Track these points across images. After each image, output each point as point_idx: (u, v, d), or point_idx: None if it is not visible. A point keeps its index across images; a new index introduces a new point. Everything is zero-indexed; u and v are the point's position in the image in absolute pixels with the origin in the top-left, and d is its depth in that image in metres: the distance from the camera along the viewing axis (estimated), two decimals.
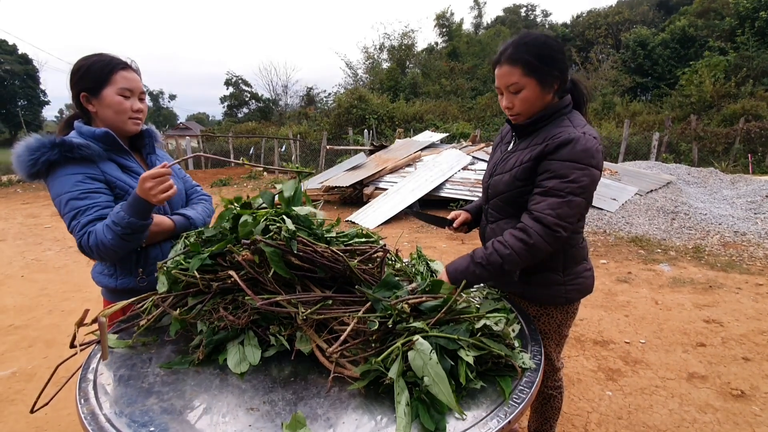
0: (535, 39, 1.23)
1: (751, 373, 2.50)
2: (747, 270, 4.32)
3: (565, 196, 1.18)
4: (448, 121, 17.93)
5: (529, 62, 1.20)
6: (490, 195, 1.42)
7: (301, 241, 1.01)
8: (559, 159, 1.19)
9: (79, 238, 1.22)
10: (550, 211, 1.18)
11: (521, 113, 1.29)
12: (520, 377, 0.93)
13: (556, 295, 1.38)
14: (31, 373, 2.68)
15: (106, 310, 1.02)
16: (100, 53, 1.32)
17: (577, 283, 1.40)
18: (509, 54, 1.23)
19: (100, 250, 1.21)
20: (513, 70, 1.22)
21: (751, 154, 12.20)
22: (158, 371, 0.96)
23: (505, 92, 1.28)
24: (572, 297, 1.40)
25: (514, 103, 1.27)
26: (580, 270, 1.40)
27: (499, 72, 1.26)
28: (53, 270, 4.73)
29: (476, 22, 37.01)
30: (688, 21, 24.06)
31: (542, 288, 1.38)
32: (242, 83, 37.06)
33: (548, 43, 1.23)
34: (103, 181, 1.28)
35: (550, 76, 1.23)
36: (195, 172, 15.01)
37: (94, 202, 1.24)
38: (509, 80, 1.24)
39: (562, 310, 1.43)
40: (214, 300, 1.06)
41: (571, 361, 2.69)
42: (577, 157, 1.17)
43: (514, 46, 1.23)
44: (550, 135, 1.23)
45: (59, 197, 1.23)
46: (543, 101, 1.26)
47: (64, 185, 1.22)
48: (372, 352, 0.91)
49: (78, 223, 1.22)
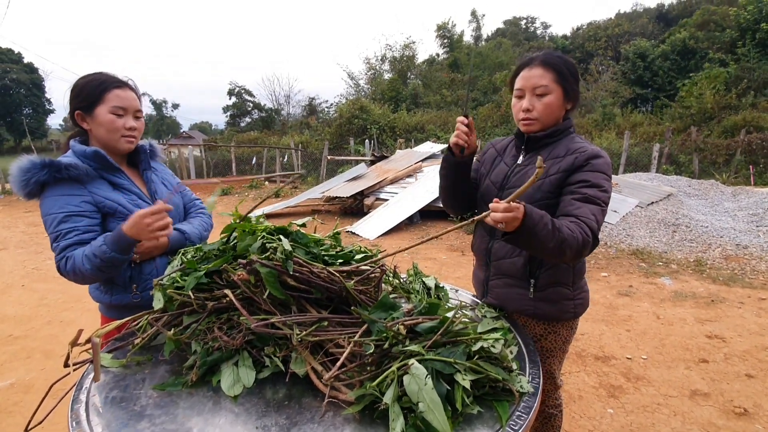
0: (564, 57, 1.32)
1: (754, 391, 2.46)
2: (749, 284, 4.29)
3: (602, 204, 1.23)
4: (449, 132, 18.00)
5: (562, 71, 1.27)
6: None
7: (297, 261, 1.01)
8: (593, 170, 1.24)
9: (57, 262, 1.25)
10: (593, 216, 1.19)
11: (539, 119, 1.31)
12: (517, 402, 0.91)
13: (565, 310, 1.38)
14: (29, 385, 2.66)
15: (100, 330, 1.01)
16: (98, 72, 1.34)
17: (581, 297, 1.42)
18: (544, 58, 1.29)
19: (77, 276, 1.24)
20: (546, 73, 1.27)
21: (752, 166, 12.19)
22: (151, 393, 0.95)
23: (529, 94, 1.30)
24: (579, 311, 1.41)
25: (534, 106, 1.30)
26: (582, 284, 1.43)
27: (529, 73, 1.29)
28: (53, 279, 4.72)
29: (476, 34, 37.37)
30: (688, 33, 24.24)
31: (553, 303, 1.38)
32: (245, 93, 37.37)
33: (574, 64, 1.33)
34: (91, 202, 1.28)
35: (573, 91, 1.30)
36: (197, 181, 15.08)
37: (75, 226, 1.25)
38: (539, 82, 1.28)
39: (567, 326, 1.43)
40: (209, 319, 1.05)
41: (572, 377, 2.66)
42: (605, 169, 1.25)
43: (546, 54, 1.31)
44: (574, 149, 1.28)
45: (46, 217, 1.26)
46: (559, 114, 1.32)
47: (50, 206, 1.25)
48: (367, 375, 0.90)
49: (57, 246, 1.24)
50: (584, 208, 1.19)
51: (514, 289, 1.39)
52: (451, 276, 4.65)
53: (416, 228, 7.12)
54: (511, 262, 1.37)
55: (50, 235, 1.26)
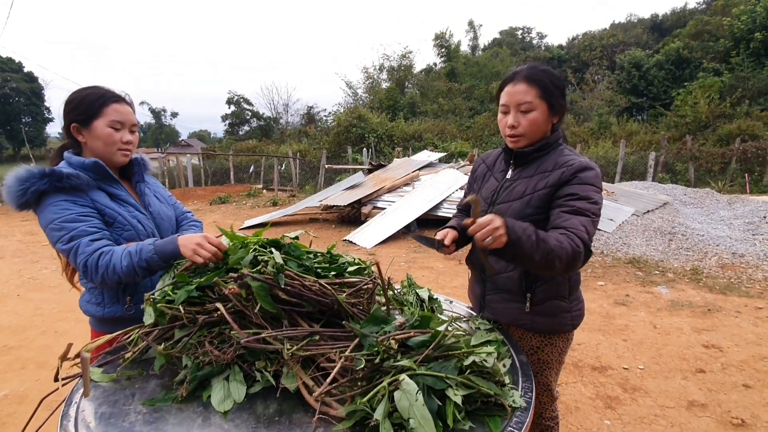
0: (549, 69, 1.31)
1: (752, 401, 2.45)
2: (746, 293, 4.29)
3: (592, 216, 1.21)
4: (447, 140, 18.11)
5: (546, 86, 1.26)
6: None
7: (289, 274, 1.01)
8: (581, 183, 1.23)
9: (85, 257, 1.20)
10: (583, 228, 1.17)
11: (525, 135, 1.30)
12: (510, 417, 0.91)
13: (563, 322, 1.38)
14: (23, 396, 2.63)
15: (90, 345, 1.01)
16: (95, 86, 1.35)
17: (578, 308, 1.41)
18: (527, 74, 1.27)
19: (108, 274, 1.21)
20: (530, 89, 1.25)
21: (747, 174, 12.27)
22: (140, 408, 0.94)
23: (514, 110, 1.29)
24: (576, 323, 1.40)
25: (520, 122, 1.28)
26: (578, 295, 1.42)
27: (513, 89, 1.28)
28: (48, 289, 4.69)
29: (473, 44, 37.77)
30: (682, 43, 24.56)
31: (550, 317, 1.37)
32: (243, 102, 37.55)
33: (560, 77, 1.31)
34: (93, 208, 1.29)
35: (559, 105, 1.29)
36: (195, 189, 15.08)
37: (92, 222, 1.25)
38: (523, 98, 1.26)
39: (564, 338, 1.42)
40: (201, 333, 1.05)
41: (569, 387, 2.64)
42: (594, 181, 1.24)
43: (530, 68, 1.28)
44: (562, 162, 1.27)
45: (51, 224, 1.23)
46: (545, 128, 1.31)
47: (55, 212, 1.23)
48: (358, 390, 0.89)
49: (79, 243, 1.21)
50: (573, 220, 1.19)
51: (511, 303, 1.38)
52: (448, 285, 4.64)
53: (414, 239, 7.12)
54: (507, 277, 1.37)
55: (62, 237, 1.21)
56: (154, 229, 1.43)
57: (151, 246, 1.21)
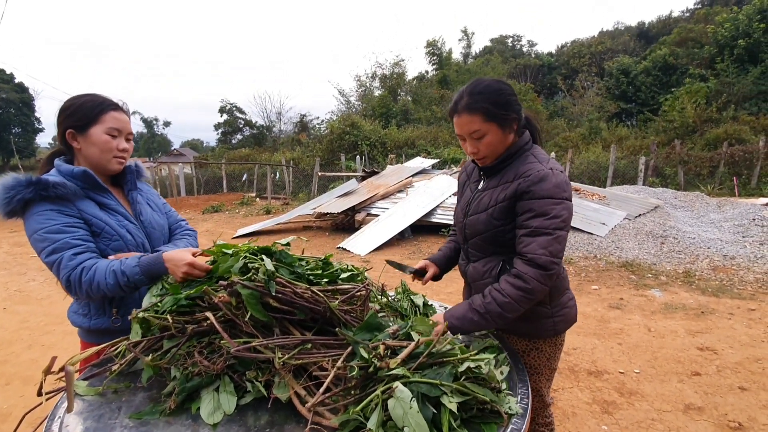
0: (487, 86, 1.27)
1: (748, 404, 2.45)
2: (738, 295, 4.33)
3: (552, 232, 1.19)
4: (440, 147, 18.18)
5: (487, 110, 1.24)
6: (468, 235, 1.42)
7: (280, 282, 0.99)
8: (536, 197, 1.21)
9: (68, 272, 1.19)
10: (542, 251, 1.18)
11: (487, 156, 1.32)
12: (506, 424, 0.89)
13: (545, 328, 1.38)
14: (7, 414, 2.56)
15: (75, 357, 0.97)
16: (92, 93, 1.34)
17: (563, 314, 1.40)
18: (466, 103, 1.26)
19: (92, 290, 1.19)
20: (473, 118, 1.25)
21: (736, 177, 12.45)
22: (127, 422, 0.91)
23: (468, 139, 1.30)
24: (560, 328, 1.40)
25: (479, 148, 1.30)
26: (564, 300, 1.41)
27: (459, 121, 1.29)
28: (36, 301, 4.59)
29: (465, 51, 38.19)
30: (668, 50, 25.03)
31: (531, 322, 1.37)
32: (236, 110, 37.52)
33: (501, 88, 1.27)
34: (80, 218, 1.26)
35: (509, 119, 1.27)
36: (187, 198, 14.98)
37: (75, 234, 1.22)
38: (471, 128, 1.27)
39: (550, 343, 1.42)
40: (190, 343, 1.02)
41: (566, 392, 2.63)
42: (552, 193, 1.21)
43: (469, 94, 1.26)
44: (521, 173, 1.26)
45: (35, 234, 1.21)
46: (505, 142, 1.31)
47: (39, 222, 1.21)
48: (352, 399, 0.87)
49: (61, 256, 1.19)
50: (532, 244, 1.20)
51: None
52: (443, 291, 4.62)
53: (407, 243, 7.11)
54: (484, 284, 1.38)
55: (45, 249, 1.20)
56: (144, 239, 1.40)
57: (137, 267, 1.19)
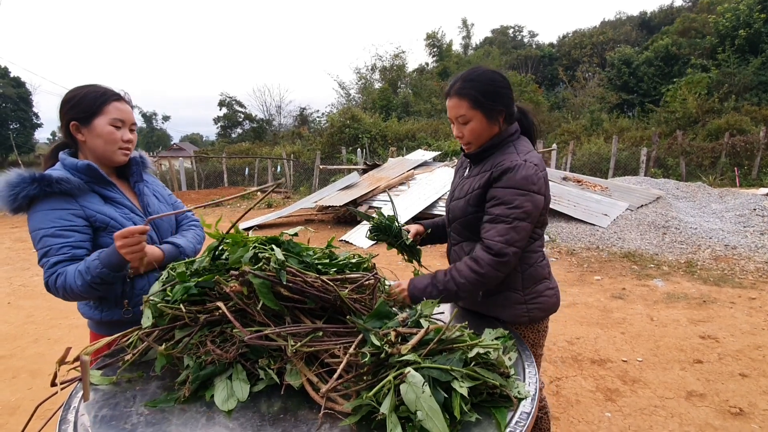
0: (481, 75, 1.30)
1: (748, 390, 2.48)
2: (739, 284, 4.34)
3: (512, 221, 1.24)
4: (440, 139, 18.14)
5: (474, 97, 1.28)
6: (450, 219, 1.47)
7: (291, 271, 1.00)
8: (503, 186, 1.26)
9: (46, 277, 1.22)
10: (499, 237, 1.24)
11: (471, 142, 1.36)
12: (516, 408, 0.90)
13: (518, 314, 1.39)
14: (15, 406, 2.58)
15: (89, 348, 0.99)
16: (93, 84, 1.33)
17: (539, 302, 1.40)
18: (457, 88, 1.31)
19: (67, 293, 1.21)
20: (461, 103, 1.30)
21: (737, 168, 12.44)
22: (142, 410, 0.92)
23: (455, 123, 1.36)
24: (535, 316, 1.41)
25: (463, 133, 1.35)
26: (541, 289, 1.41)
27: (449, 104, 1.34)
28: (40, 296, 4.62)
29: (465, 42, 37.91)
30: (670, 40, 24.84)
31: (504, 308, 1.40)
32: (236, 104, 37.35)
33: (494, 78, 1.31)
34: (82, 217, 1.26)
35: (495, 110, 1.31)
36: (188, 193, 14.98)
37: (66, 241, 1.23)
38: (458, 112, 1.32)
39: (532, 329, 1.44)
40: (202, 332, 1.03)
41: (569, 381, 2.65)
42: (518, 184, 1.24)
43: (462, 80, 1.31)
44: (496, 162, 1.30)
45: (35, 232, 1.23)
46: (490, 132, 1.34)
47: (41, 221, 1.22)
48: (364, 385, 0.88)
49: (47, 261, 1.21)
50: (491, 231, 1.26)
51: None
52: None
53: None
54: None
55: (39, 250, 1.23)
56: (151, 231, 1.40)
57: (97, 261, 1.19)
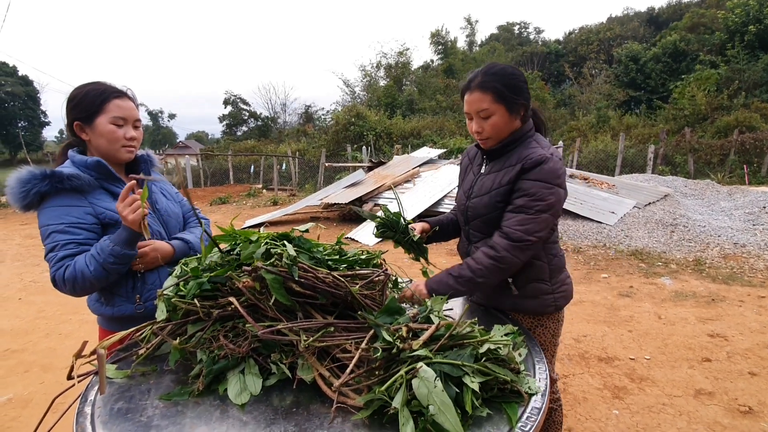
0: (502, 69, 1.32)
1: (758, 389, 2.46)
2: (749, 282, 4.31)
3: (534, 213, 1.26)
4: (446, 137, 18.09)
5: (499, 90, 1.28)
6: (470, 217, 1.46)
7: (302, 267, 1.01)
8: (529, 179, 1.27)
9: (54, 271, 1.22)
10: (518, 226, 1.25)
11: (491, 137, 1.35)
12: (527, 403, 0.91)
13: (546, 304, 1.43)
14: (27, 400, 2.62)
15: (105, 342, 1.00)
16: (96, 82, 1.33)
17: (562, 290, 1.46)
18: (479, 82, 1.31)
19: (76, 283, 1.21)
20: (484, 96, 1.29)
21: (746, 165, 12.30)
22: (157, 403, 0.94)
23: (476, 117, 1.34)
24: (560, 304, 1.46)
25: (483, 128, 1.34)
26: (563, 278, 1.48)
27: (470, 98, 1.33)
28: (51, 291, 4.67)
29: (470, 40, 37.70)
30: (678, 36, 24.56)
31: (533, 299, 1.43)
32: (240, 102, 37.47)
33: (515, 74, 1.32)
34: (92, 214, 1.27)
35: (517, 103, 1.31)
36: (194, 191, 15.05)
37: (74, 237, 1.24)
38: (480, 106, 1.31)
39: (553, 319, 1.48)
40: (214, 327, 1.04)
41: (576, 378, 2.65)
42: (545, 177, 1.26)
43: (483, 74, 1.31)
44: (523, 156, 1.30)
45: (44, 228, 1.24)
46: (511, 126, 1.34)
47: (50, 217, 1.23)
48: (375, 380, 0.89)
49: (55, 255, 1.22)
50: (512, 220, 1.27)
51: (496, 289, 1.45)
52: None
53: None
54: None
55: (46, 245, 1.24)
56: (160, 228, 1.41)
57: (107, 240, 1.20)
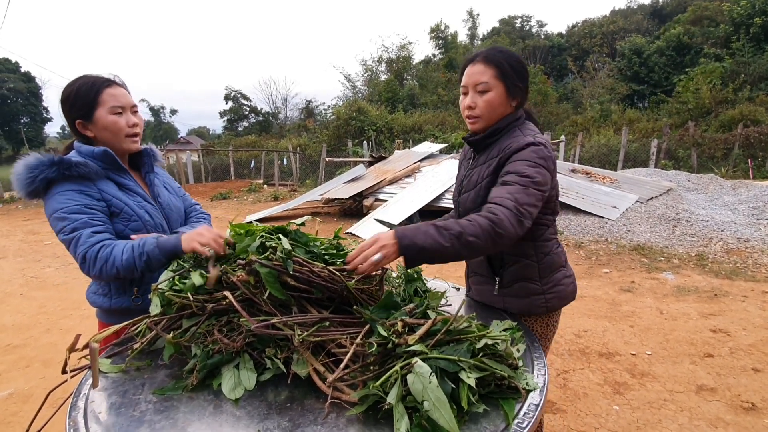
0: (510, 51, 1.31)
1: (761, 385, 2.44)
2: (752, 277, 4.28)
3: (521, 185, 1.15)
4: (447, 131, 18.01)
5: (504, 67, 1.26)
6: (461, 212, 1.42)
7: (298, 261, 0.99)
8: (516, 160, 1.22)
9: (85, 249, 1.18)
10: (508, 195, 1.12)
11: (481, 116, 1.30)
12: (524, 399, 0.89)
13: (536, 304, 1.35)
14: (28, 395, 2.63)
15: (98, 335, 0.99)
16: (83, 76, 1.31)
17: (556, 291, 1.37)
18: (486, 54, 1.29)
19: (106, 265, 1.19)
20: (486, 69, 1.26)
21: (751, 159, 12.20)
22: (151, 398, 0.93)
23: (471, 91, 1.30)
24: (552, 305, 1.37)
25: (477, 103, 1.29)
26: (558, 277, 1.38)
27: (471, 70, 1.29)
28: (52, 287, 4.70)
29: (471, 33, 37.44)
30: (682, 29, 24.32)
31: (521, 298, 1.36)
32: (241, 97, 37.40)
33: (521, 60, 1.31)
34: (101, 199, 1.27)
35: (517, 87, 1.29)
36: (195, 186, 15.07)
37: (96, 216, 1.23)
38: (480, 78, 1.27)
39: (542, 322, 1.40)
40: (209, 322, 1.03)
41: (577, 374, 2.64)
42: (528, 156, 1.20)
43: (490, 49, 1.30)
44: (504, 146, 1.27)
45: (56, 212, 1.21)
46: (504, 109, 1.30)
47: (61, 202, 1.21)
48: (370, 375, 0.88)
49: (80, 234, 1.19)
50: (500, 190, 1.15)
51: (485, 285, 1.43)
52: (453, 276, 4.63)
53: None
54: (477, 262, 1.40)
55: (66, 227, 1.20)
56: (162, 221, 1.41)
57: (154, 240, 1.20)
